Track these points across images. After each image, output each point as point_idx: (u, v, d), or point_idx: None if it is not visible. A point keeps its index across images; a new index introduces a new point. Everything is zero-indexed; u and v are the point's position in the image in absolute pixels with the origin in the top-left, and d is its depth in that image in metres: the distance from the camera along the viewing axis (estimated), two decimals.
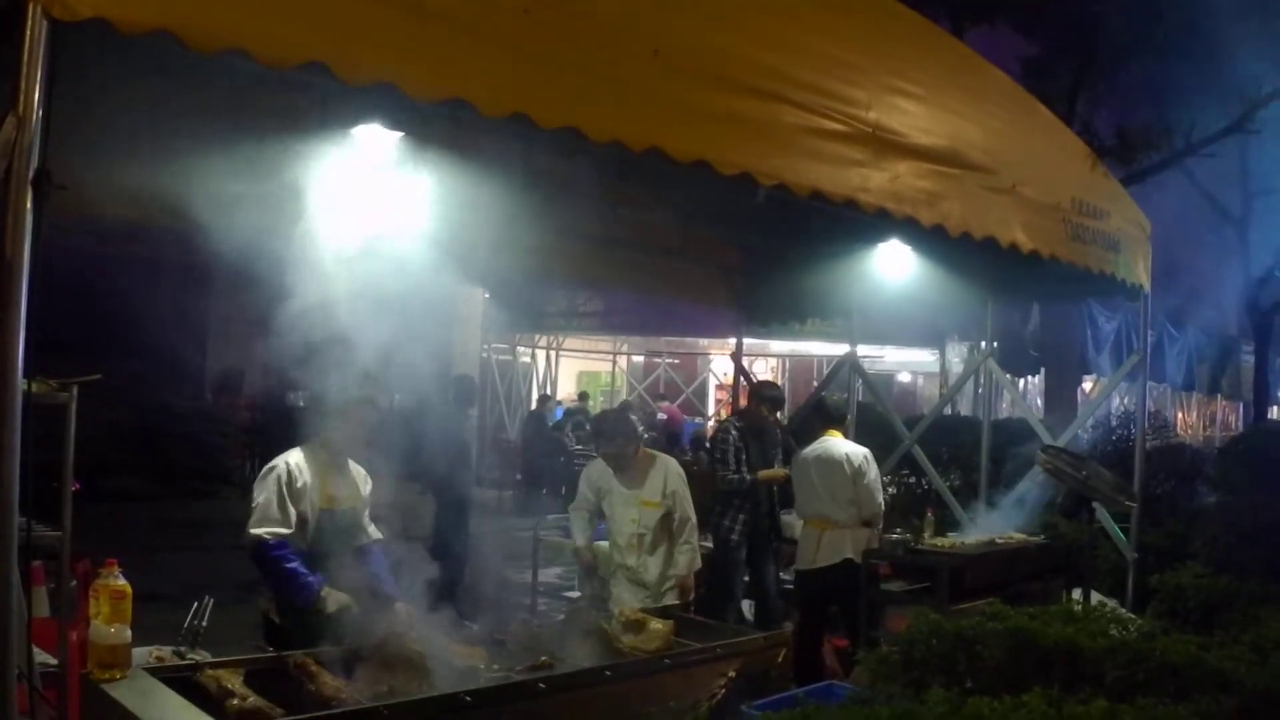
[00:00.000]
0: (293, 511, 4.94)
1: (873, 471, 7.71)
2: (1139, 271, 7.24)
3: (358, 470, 5.36)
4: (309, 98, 4.43)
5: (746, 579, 8.34)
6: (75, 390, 4.70)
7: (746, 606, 8.46)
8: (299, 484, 4.99)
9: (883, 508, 7.84)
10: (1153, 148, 14.27)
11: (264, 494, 4.94)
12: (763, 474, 8.07)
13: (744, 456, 8.05)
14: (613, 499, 6.81)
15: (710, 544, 8.03)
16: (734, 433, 8.23)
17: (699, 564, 6.96)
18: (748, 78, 4.32)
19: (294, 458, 5.08)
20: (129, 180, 4.92)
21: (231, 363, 17.97)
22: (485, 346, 22.18)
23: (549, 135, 3.75)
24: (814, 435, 8.06)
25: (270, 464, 5.06)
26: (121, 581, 3.96)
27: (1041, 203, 6.11)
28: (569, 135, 3.76)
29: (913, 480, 11.16)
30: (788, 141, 4.52)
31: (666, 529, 6.71)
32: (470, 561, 7.40)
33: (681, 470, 6.93)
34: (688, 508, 6.78)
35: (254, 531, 4.89)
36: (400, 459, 5.47)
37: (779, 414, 8.50)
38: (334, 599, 4.86)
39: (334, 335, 4.58)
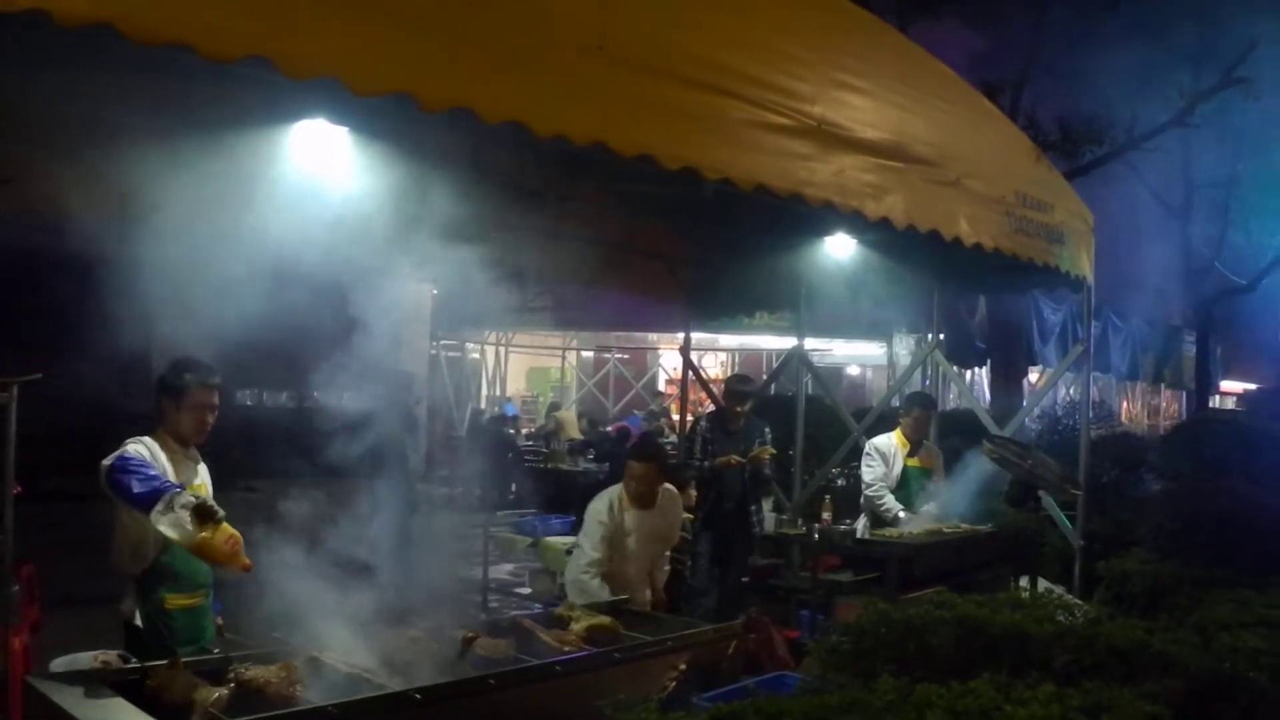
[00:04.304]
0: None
1: None
2: (1082, 263, 7.32)
3: (200, 464, 5.07)
4: (252, 91, 4.38)
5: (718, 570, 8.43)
6: (15, 390, 4.61)
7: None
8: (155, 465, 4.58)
9: None
10: (1095, 142, 14.44)
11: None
12: (718, 460, 8.14)
13: (710, 448, 8.20)
14: (626, 538, 6.36)
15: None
16: (703, 424, 8.55)
17: None
18: (693, 72, 4.32)
19: (145, 444, 4.71)
20: (72, 173, 4.84)
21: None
22: (434, 343, 22.05)
23: (494, 130, 3.73)
24: None
25: (120, 449, 4.55)
26: None
27: (986, 195, 6.16)
28: (513, 130, 3.75)
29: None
30: (733, 136, 4.52)
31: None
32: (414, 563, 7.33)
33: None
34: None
35: (113, 454, 4.44)
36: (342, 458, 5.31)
37: (743, 407, 8.50)
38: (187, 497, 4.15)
39: (277, 333, 4.52)
